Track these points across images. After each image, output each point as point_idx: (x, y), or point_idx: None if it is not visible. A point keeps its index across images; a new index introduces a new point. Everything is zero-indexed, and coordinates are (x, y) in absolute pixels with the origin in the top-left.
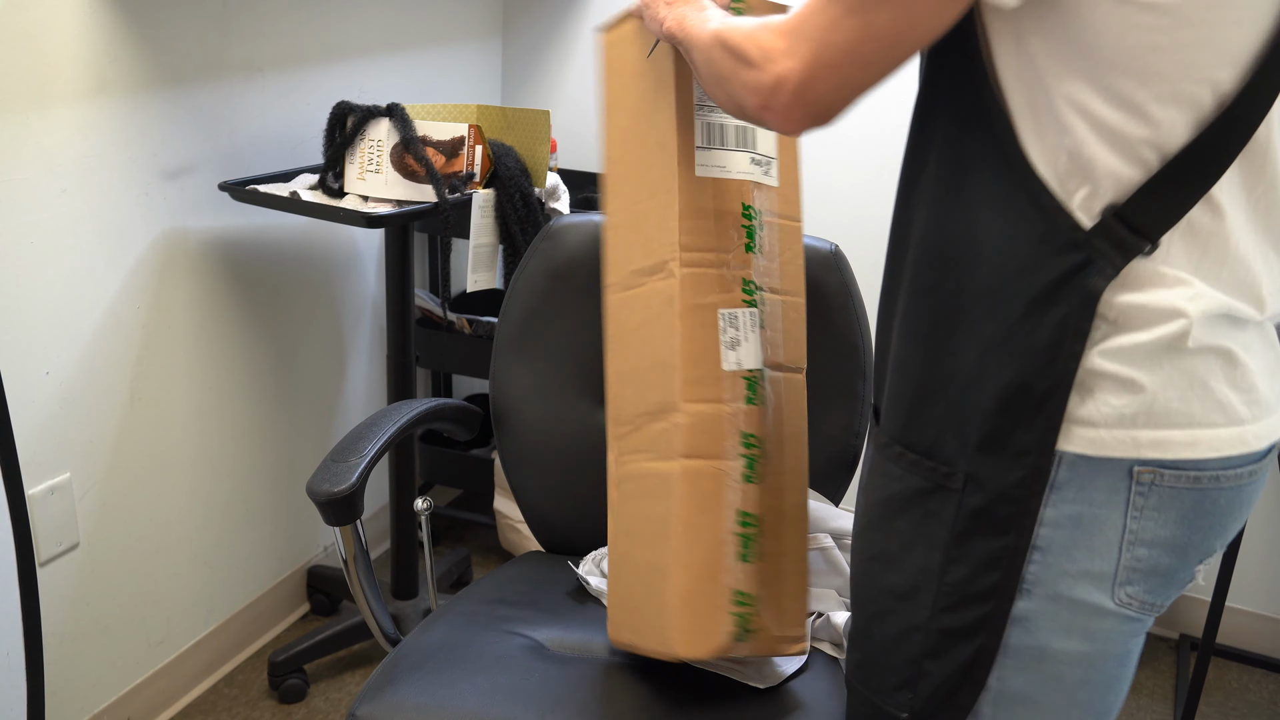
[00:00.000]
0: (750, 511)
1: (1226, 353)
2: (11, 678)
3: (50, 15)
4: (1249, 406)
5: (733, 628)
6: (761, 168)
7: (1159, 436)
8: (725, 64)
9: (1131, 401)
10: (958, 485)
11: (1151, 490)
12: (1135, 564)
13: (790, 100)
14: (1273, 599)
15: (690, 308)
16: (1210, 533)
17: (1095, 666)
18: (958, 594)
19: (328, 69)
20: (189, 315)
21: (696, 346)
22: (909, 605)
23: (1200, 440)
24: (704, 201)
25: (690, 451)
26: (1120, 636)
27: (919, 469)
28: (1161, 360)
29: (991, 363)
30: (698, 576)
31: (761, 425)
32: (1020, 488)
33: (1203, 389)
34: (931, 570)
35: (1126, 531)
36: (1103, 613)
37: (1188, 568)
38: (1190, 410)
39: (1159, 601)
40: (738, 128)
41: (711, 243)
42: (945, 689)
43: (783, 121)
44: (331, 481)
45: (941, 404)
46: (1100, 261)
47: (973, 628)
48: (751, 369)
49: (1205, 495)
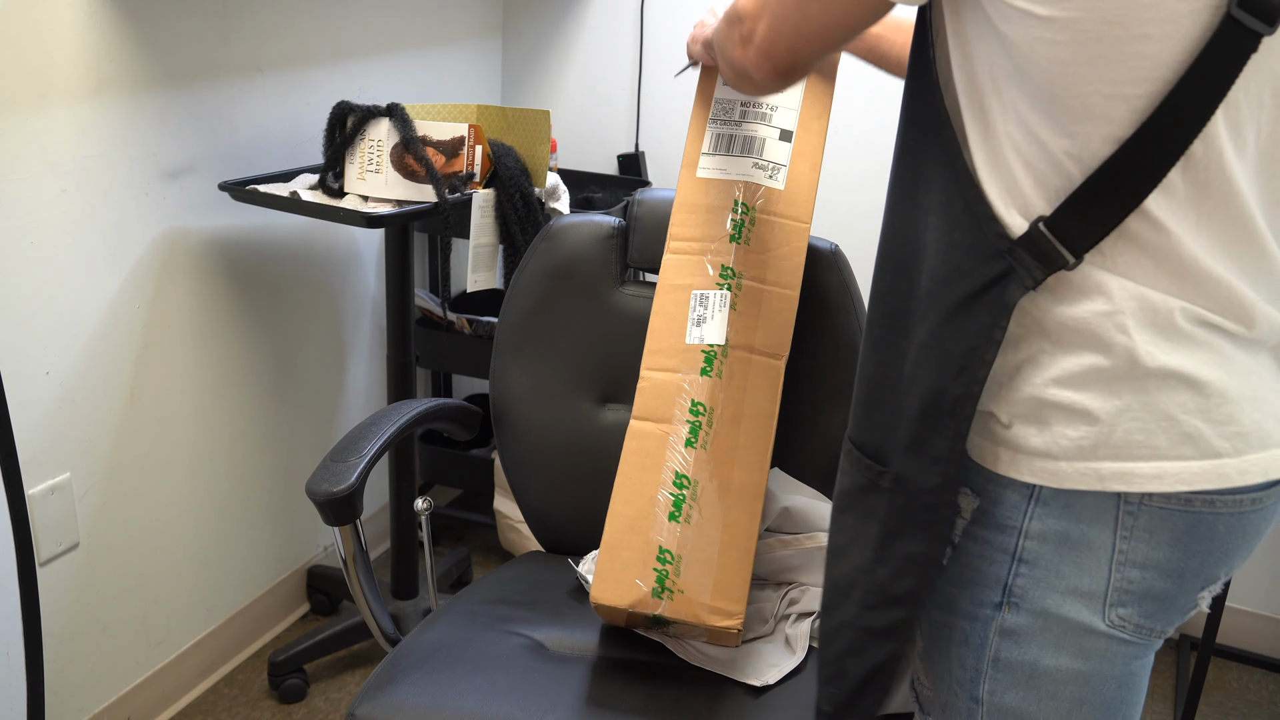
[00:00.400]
0: (686, 474)
1: (1192, 381)
2: (11, 678)
3: (50, 15)
4: (1228, 440)
5: (652, 583)
6: (765, 172)
7: (1121, 469)
8: (722, 30)
9: (1089, 433)
10: (888, 485)
11: (1141, 510)
12: (1127, 585)
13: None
14: (1273, 599)
15: (667, 287)
16: (1210, 559)
17: (1091, 686)
18: (880, 593)
19: (328, 69)
20: (189, 315)
21: (666, 321)
22: (845, 601)
23: (1167, 473)
24: (698, 198)
25: (641, 414)
26: (1118, 658)
27: (860, 466)
28: (1117, 387)
29: (920, 367)
30: (625, 529)
31: (712, 396)
32: (933, 494)
33: (1167, 420)
34: (863, 567)
35: (1116, 551)
36: (1094, 633)
37: (1188, 594)
38: (1154, 442)
39: (1158, 627)
40: (744, 138)
41: (698, 233)
42: (859, 690)
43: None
44: (331, 481)
45: (887, 406)
46: (1020, 272)
47: (888, 630)
48: (712, 344)
49: (1200, 520)
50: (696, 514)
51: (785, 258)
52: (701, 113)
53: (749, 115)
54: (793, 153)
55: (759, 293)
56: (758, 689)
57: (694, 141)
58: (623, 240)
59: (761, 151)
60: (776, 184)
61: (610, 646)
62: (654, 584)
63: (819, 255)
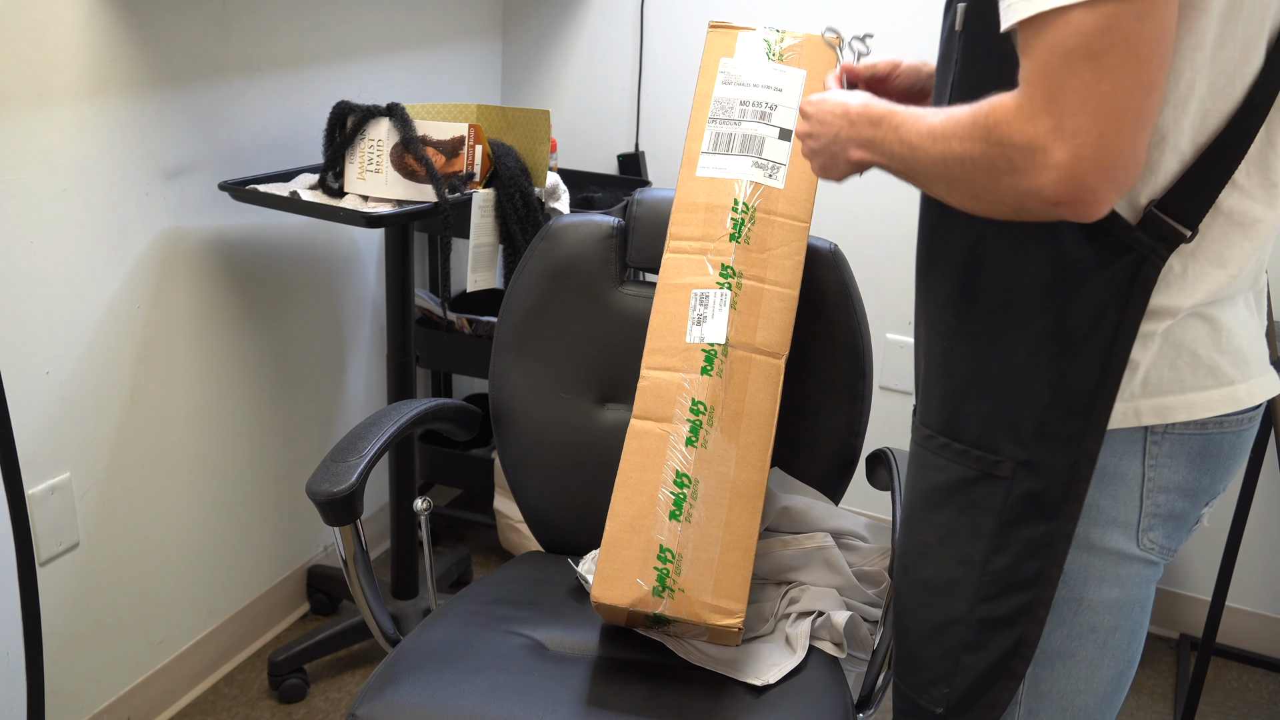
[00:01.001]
0: (686, 473)
1: (1211, 320)
2: (11, 678)
3: (50, 15)
4: (1237, 367)
5: (653, 582)
6: (765, 171)
7: (1157, 404)
8: (972, 153)
9: (1130, 380)
10: (1007, 473)
11: (1165, 439)
12: (1155, 510)
13: (1084, 178)
14: (1273, 599)
15: (667, 286)
16: (1216, 475)
17: (1124, 613)
18: (999, 583)
19: (328, 69)
20: (189, 315)
21: (667, 320)
22: (946, 598)
23: (1195, 404)
24: (698, 197)
25: (641, 413)
26: (1143, 581)
27: (965, 459)
28: (1152, 336)
29: (1042, 356)
30: (626, 527)
31: (712, 395)
32: (1069, 473)
33: (1191, 357)
34: (973, 560)
35: (1146, 480)
36: (1129, 558)
37: (1196, 510)
38: (1181, 378)
39: (1173, 545)
40: (744, 136)
41: (698, 232)
42: (982, 683)
43: (1091, 209)
44: (331, 481)
45: (990, 397)
46: (1151, 256)
47: (1012, 617)
48: (712, 343)
49: (1210, 441)
50: (697, 513)
51: (785, 257)
52: (701, 112)
53: (748, 114)
54: (792, 152)
55: (759, 292)
56: (758, 688)
57: (693, 140)
58: (622, 240)
59: (761, 150)
60: (776, 183)
61: (610, 646)
62: (655, 583)
63: (819, 255)
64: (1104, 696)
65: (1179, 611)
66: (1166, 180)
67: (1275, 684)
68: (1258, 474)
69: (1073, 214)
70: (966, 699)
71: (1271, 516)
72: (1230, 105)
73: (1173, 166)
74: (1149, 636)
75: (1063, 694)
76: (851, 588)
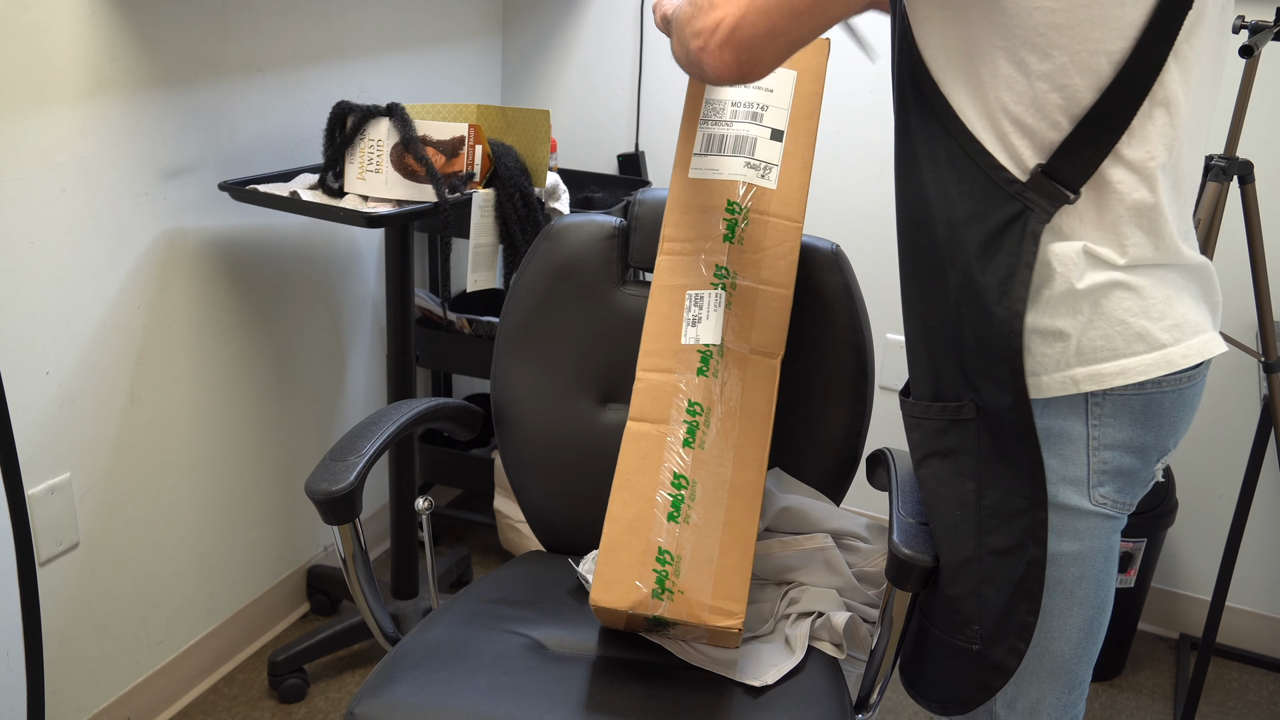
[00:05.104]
0: (684, 475)
1: (1136, 289)
2: (11, 678)
3: (50, 15)
4: (1168, 332)
5: (652, 584)
6: (757, 171)
7: (1091, 371)
8: (685, 12)
9: (1064, 349)
10: (970, 414)
11: (1105, 400)
12: (1103, 466)
13: (722, 41)
14: (1273, 599)
15: (661, 288)
16: (1162, 432)
17: (1087, 563)
18: (996, 515)
19: (328, 69)
20: (189, 315)
21: (661, 322)
22: (956, 541)
23: (1129, 369)
24: (691, 199)
25: (638, 415)
26: (1102, 533)
27: (933, 412)
28: (1080, 305)
29: (963, 304)
30: (624, 530)
31: (709, 396)
32: (1014, 409)
33: (1120, 324)
34: (968, 501)
35: (1090, 439)
36: (1084, 513)
37: (1148, 466)
38: (1114, 345)
39: (1128, 500)
40: (735, 137)
41: (692, 233)
42: (1006, 609)
43: (714, 62)
44: (330, 480)
45: (941, 351)
46: (1036, 210)
47: (1017, 544)
48: (707, 344)
49: (1151, 400)
50: (695, 514)
51: (779, 257)
52: (692, 114)
53: (739, 115)
54: (784, 152)
55: (753, 292)
56: (757, 689)
57: (685, 143)
58: (623, 240)
59: (753, 151)
60: (768, 183)
61: (610, 646)
62: (654, 585)
63: (820, 256)
64: (1078, 642)
65: (1179, 611)
66: (1051, 146)
67: (1275, 684)
68: (1258, 474)
69: (707, 63)
70: (997, 629)
71: (1271, 516)
72: (1100, 81)
73: (1052, 136)
74: (1149, 636)
75: (1038, 642)
76: (851, 588)
